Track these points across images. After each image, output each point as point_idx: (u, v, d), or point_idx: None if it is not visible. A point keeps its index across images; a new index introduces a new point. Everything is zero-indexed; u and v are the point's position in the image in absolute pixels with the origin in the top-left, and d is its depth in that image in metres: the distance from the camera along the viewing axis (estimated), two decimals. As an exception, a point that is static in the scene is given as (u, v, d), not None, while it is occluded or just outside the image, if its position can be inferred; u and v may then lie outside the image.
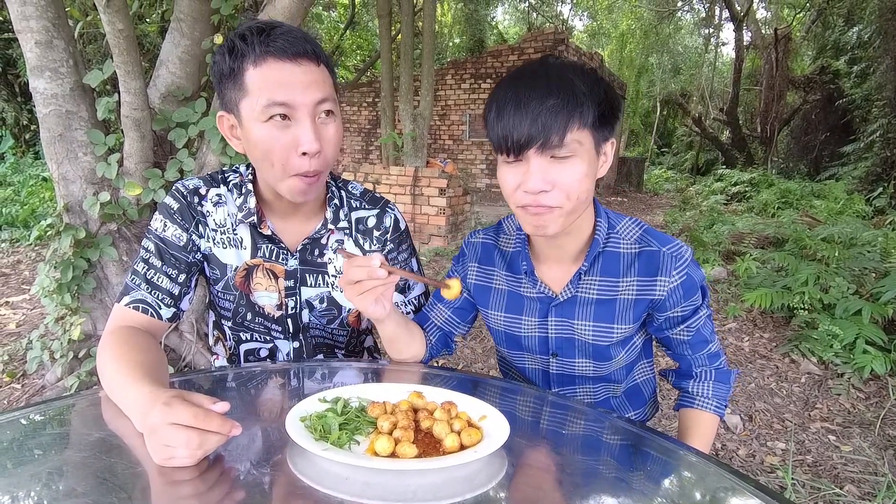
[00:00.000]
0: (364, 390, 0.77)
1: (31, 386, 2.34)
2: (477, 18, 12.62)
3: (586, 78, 0.77)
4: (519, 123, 0.75)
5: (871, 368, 2.65)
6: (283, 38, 0.78)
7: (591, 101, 0.76)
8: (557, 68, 0.78)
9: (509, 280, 1.00)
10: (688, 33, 20.87)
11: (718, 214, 6.93)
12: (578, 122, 0.75)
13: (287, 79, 0.79)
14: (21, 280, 4.00)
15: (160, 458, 0.59)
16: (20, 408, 0.74)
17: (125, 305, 0.92)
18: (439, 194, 5.57)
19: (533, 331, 0.99)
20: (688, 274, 0.89)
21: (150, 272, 0.94)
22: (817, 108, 11.82)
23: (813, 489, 1.91)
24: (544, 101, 0.74)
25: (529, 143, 0.75)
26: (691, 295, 0.91)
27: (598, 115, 0.77)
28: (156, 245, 0.95)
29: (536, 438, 0.74)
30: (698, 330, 0.95)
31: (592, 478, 0.64)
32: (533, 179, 0.77)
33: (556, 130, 0.74)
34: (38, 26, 1.90)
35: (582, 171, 0.78)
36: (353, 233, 1.04)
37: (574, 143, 0.76)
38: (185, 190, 0.96)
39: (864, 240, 4.20)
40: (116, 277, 2.24)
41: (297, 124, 0.81)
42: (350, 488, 0.56)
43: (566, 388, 1.05)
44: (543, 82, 0.76)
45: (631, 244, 0.92)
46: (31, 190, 6.25)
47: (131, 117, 1.97)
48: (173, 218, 0.95)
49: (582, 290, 0.93)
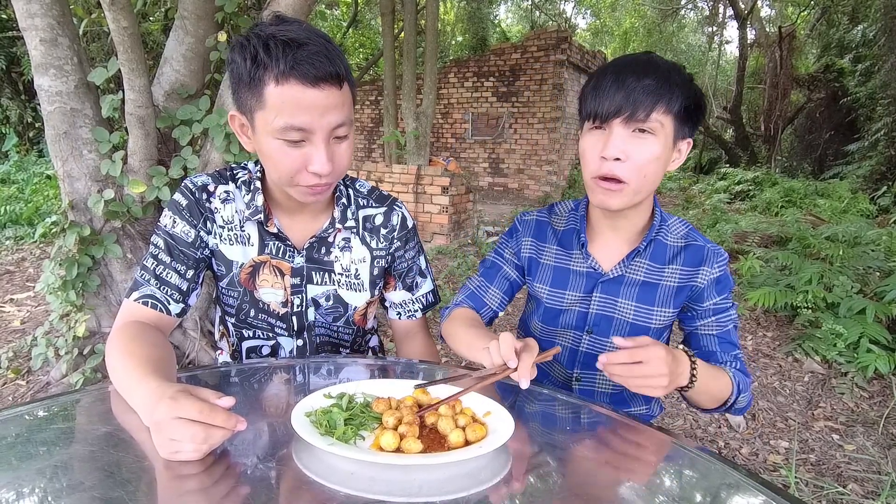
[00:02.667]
0: (369, 386, 0.77)
1: (35, 383, 2.36)
2: (480, 17, 12.60)
3: (682, 74, 0.86)
4: (613, 94, 0.83)
5: (875, 367, 2.64)
6: (310, 60, 0.75)
7: (682, 91, 0.84)
8: (659, 60, 0.87)
9: (559, 255, 1.06)
10: (691, 31, 20.78)
11: (722, 213, 6.90)
12: (666, 106, 0.83)
13: (308, 104, 0.77)
14: (26, 277, 4.02)
15: (166, 451, 0.59)
16: (26, 403, 0.74)
17: (134, 301, 0.92)
18: (442, 193, 5.57)
19: (574, 305, 1.04)
20: (726, 271, 0.98)
21: (159, 268, 0.94)
22: (821, 106, 11.76)
23: (816, 488, 1.91)
24: (641, 80, 0.83)
25: (618, 113, 0.84)
26: (726, 290, 0.98)
27: (685, 106, 0.85)
28: (165, 241, 0.95)
29: (541, 434, 0.74)
30: (728, 330, 1.00)
31: (597, 474, 0.64)
32: (612, 145, 0.84)
33: (644, 106, 0.82)
34: (43, 24, 1.91)
35: (656, 151, 0.85)
36: (360, 231, 1.04)
37: (657, 122, 0.84)
38: (193, 187, 0.97)
39: (868, 239, 4.18)
40: (121, 275, 2.24)
41: (310, 145, 0.81)
42: (355, 483, 0.56)
43: (588, 372, 1.08)
44: (644, 66, 0.84)
45: (677, 239, 1.00)
46: (35, 188, 6.27)
47: (135, 115, 1.97)
48: (182, 214, 0.95)
49: (631, 270, 1.00)
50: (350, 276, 1.05)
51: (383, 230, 1.06)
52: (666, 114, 0.84)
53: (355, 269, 1.05)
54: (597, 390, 1.10)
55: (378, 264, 1.07)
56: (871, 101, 9.22)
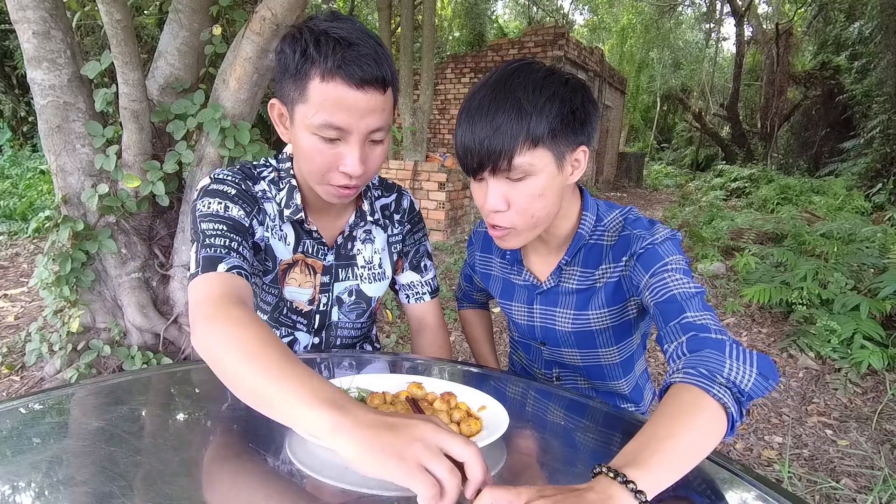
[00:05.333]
0: (363, 381, 0.77)
1: (29, 378, 2.35)
2: (477, 12, 12.57)
3: (537, 93, 0.74)
4: (469, 150, 0.76)
5: (869, 363, 2.66)
6: (358, 62, 0.75)
7: (542, 115, 0.73)
8: (507, 85, 0.75)
9: (503, 267, 1.05)
10: (689, 28, 20.79)
11: (718, 210, 6.93)
12: (528, 144, 0.74)
13: (349, 105, 0.76)
14: (19, 273, 3.99)
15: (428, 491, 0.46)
16: (20, 397, 0.74)
17: (226, 271, 0.75)
18: (439, 189, 5.57)
19: (522, 317, 1.04)
20: (652, 247, 0.84)
21: (233, 243, 0.81)
22: (818, 104, 11.80)
23: (809, 482, 1.92)
24: (492, 121, 0.74)
25: (482, 167, 0.76)
26: (654, 262, 0.83)
27: (551, 129, 0.74)
28: (226, 224, 0.83)
29: (536, 429, 0.74)
30: (670, 295, 0.78)
31: (591, 468, 0.64)
32: (490, 198, 0.79)
33: (503, 156, 0.74)
34: (36, 16, 1.89)
35: (537, 188, 0.77)
36: (382, 220, 1.06)
37: (525, 164, 0.75)
38: (234, 177, 0.90)
39: (863, 236, 4.20)
40: (115, 270, 2.23)
41: (345, 144, 0.80)
42: (350, 477, 0.56)
43: (565, 371, 1.09)
44: (492, 105, 0.74)
45: (613, 235, 0.91)
46: (29, 183, 6.22)
47: (130, 109, 1.96)
48: (234, 200, 0.86)
49: (564, 279, 0.96)
50: (373, 266, 1.06)
51: (396, 216, 1.09)
52: (532, 149, 0.74)
53: (378, 258, 1.06)
54: (580, 387, 1.10)
55: (395, 249, 1.09)
56: (867, 98, 9.26)
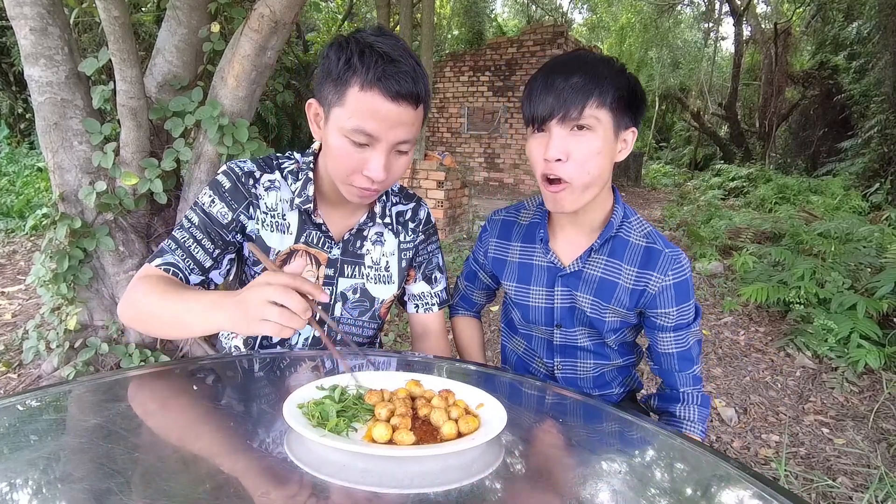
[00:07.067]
0: (362, 378, 0.77)
1: (27, 376, 2.34)
2: (476, 10, 12.55)
3: (613, 67, 0.87)
4: (545, 98, 0.85)
5: (866, 362, 2.67)
6: (396, 77, 0.81)
7: (613, 83, 0.84)
8: (586, 56, 0.87)
9: (523, 251, 1.08)
10: (687, 27, 20.78)
11: (716, 209, 6.94)
12: (597, 100, 0.84)
13: (382, 115, 0.82)
14: (17, 270, 3.98)
15: (264, 314, 0.69)
16: (17, 394, 0.74)
17: (156, 266, 0.93)
18: (437, 187, 5.56)
19: (540, 301, 1.06)
20: (684, 279, 0.96)
21: (188, 241, 0.96)
22: (816, 103, 11.81)
23: (806, 480, 1.93)
24: (568, 79, 0.84)
25: (552, 115, 0.85)
26: (683, 301, 0.96)
27: (618, 97, 0.85)
28: (200, 218, 0.97)
29: (533, 426, 0.74)
30: (688, 348, 1.00)
31: (588, 465, 0.65)
32: (552, 147, 0.86)
33: (575, 104, 0.83)
34: (33, 13, 1.88)
35: (597, 146, 0.85)
36: (394, 226, 1.09)
37: (591, 118, 0.84)
38: (239, 171, 0.99)
39: (861, 235, 4.21)
40: (113, 268, 2.23)
41: (372, 150, 0.85)
42: (348, 475, 0.56)
43: (567, 360, 1.11)
44: (571, 66, 0.85)
45: (640, 237, 0.99)
46: (26, 180, 6.20)
47: (127, 106, 1.95)
48: (223, 196, 0.98)
49: (589, 266, 1.00)
50: (380, 268, 1.09)
51: (411, 224, 1.12)
52: (600, 108, 0.84)
53: (385, 261, 1.09)
54: (579, 376, 1.13)
55: (406, 256, 1.11)
56: (865, 98, 9.27)
